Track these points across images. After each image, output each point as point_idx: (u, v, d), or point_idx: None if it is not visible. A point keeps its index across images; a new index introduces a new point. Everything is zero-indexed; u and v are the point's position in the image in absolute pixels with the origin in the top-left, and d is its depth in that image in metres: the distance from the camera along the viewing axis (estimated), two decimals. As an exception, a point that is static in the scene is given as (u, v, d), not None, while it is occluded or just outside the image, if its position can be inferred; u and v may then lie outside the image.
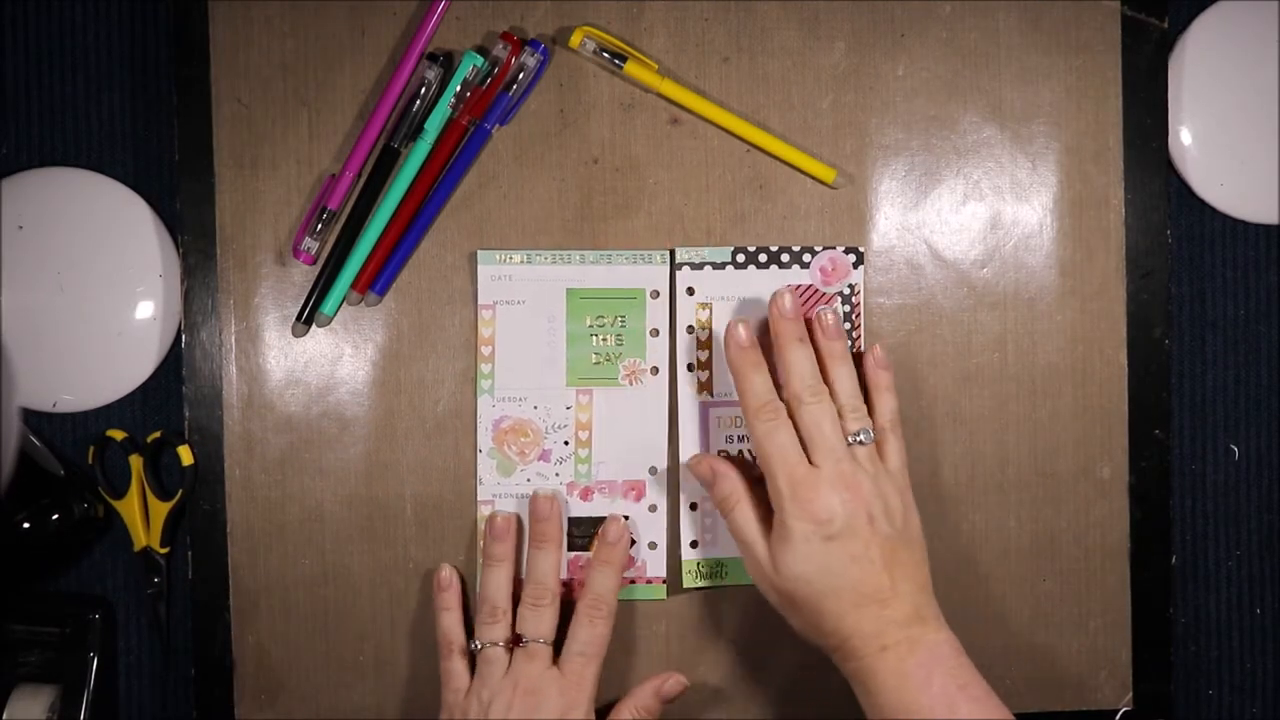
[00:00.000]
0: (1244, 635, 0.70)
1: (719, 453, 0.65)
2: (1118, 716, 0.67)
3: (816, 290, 0.66)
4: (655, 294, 0.65)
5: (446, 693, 0.63)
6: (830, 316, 0.62)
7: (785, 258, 0.65)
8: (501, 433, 0.65)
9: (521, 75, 0.64)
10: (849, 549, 0.57)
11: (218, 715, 0.65)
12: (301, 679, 0.65)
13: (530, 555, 0.64)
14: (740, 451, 0.65)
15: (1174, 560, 0.67)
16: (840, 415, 0.60)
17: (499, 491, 0.65)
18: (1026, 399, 0.66)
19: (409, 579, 0.65)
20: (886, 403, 0.62)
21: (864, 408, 0.61)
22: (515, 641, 0.62)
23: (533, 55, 0.63)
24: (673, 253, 0.65)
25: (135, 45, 0.67)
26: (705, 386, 0.65)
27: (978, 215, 0.66)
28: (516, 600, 0.63)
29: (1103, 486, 0.67)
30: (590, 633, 0.62)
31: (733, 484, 0.61)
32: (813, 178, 0.65)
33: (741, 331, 0.61)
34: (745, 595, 0.66)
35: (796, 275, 0.65)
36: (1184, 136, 0.68)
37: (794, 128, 0.66)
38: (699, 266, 0.65)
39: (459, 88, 0.63)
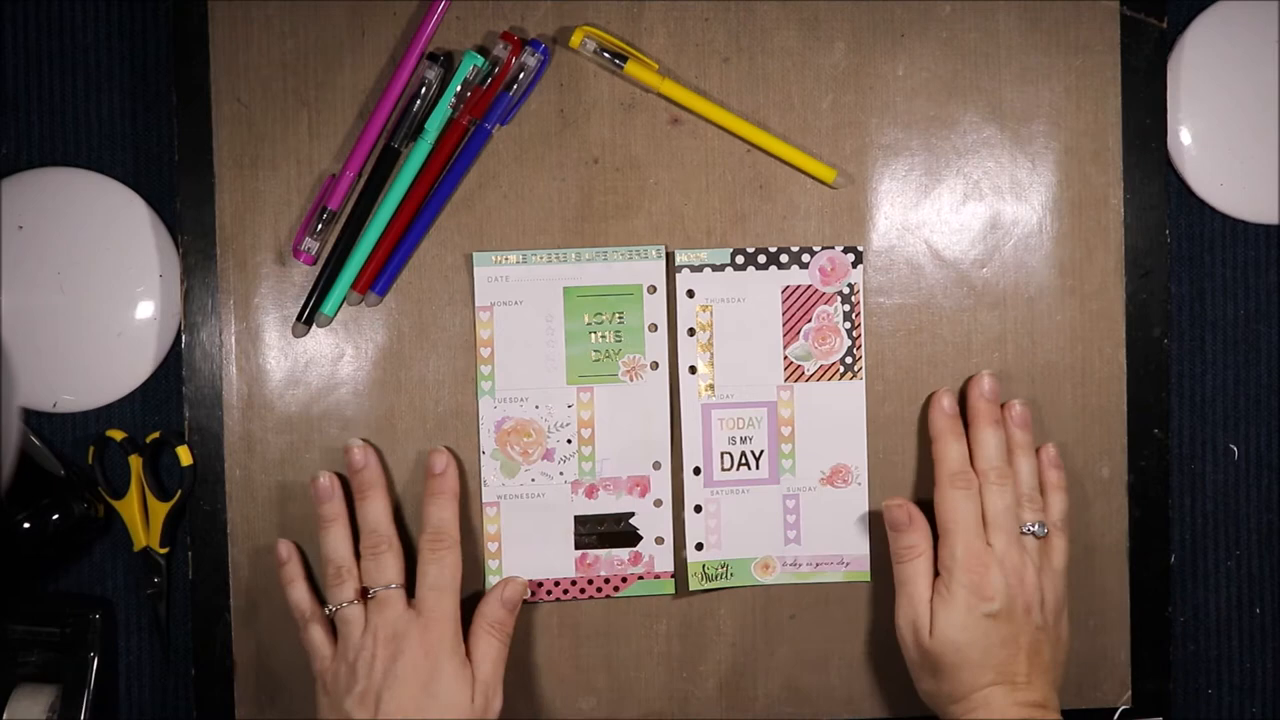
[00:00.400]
0: (1243, 634, 0.70)
1: (721, 455, 0.65)
2: (1117, 715, 0.67)
3: (816, 290, 0.66)
4: (652, 289, 0.65)
5: (314, 663, 0.62)
6: (1020, 407, 0.64)
7: (784, 258, 0.65)
8: (504, 434, 0.65)
9: (522, 75, 0.64)
10: (1002, 631, 0.60)
11: (218, 715, 0.65)
12: (301, 679, 0.65)
13: (358, 508, 0.63)
14: (743, 453, 0.65)
15: (1173, 559, 0.68)
16: (1017, 503, 0.62)
17: (504, 493, 0.65)
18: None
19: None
20: (1059, 502, 0.64)
21: (1040, 501, 0.63)
22: (365, 596, 0.62)
23: (533, 55, 0.63)
24: (672, 254, 0.65)
25: (135, 45, 0.67)
26: (708, 389, 0.65)
27: (978, 215, 0.66)
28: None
29: (1102, 486, 0.67)
30: (438, 568, 0.62)
31: (923, 536, 0.63)
32: (813, 178, 0.65)
33: (946, 401, 0.64)
34: (746, 596, 0.66)
35: (796, 275, 0.65)
36: (1184, 136, 0.68)
37: (794, 128, 0.66)
38: (698, 269, 0.65)
39: (459, 88, 0.63)
